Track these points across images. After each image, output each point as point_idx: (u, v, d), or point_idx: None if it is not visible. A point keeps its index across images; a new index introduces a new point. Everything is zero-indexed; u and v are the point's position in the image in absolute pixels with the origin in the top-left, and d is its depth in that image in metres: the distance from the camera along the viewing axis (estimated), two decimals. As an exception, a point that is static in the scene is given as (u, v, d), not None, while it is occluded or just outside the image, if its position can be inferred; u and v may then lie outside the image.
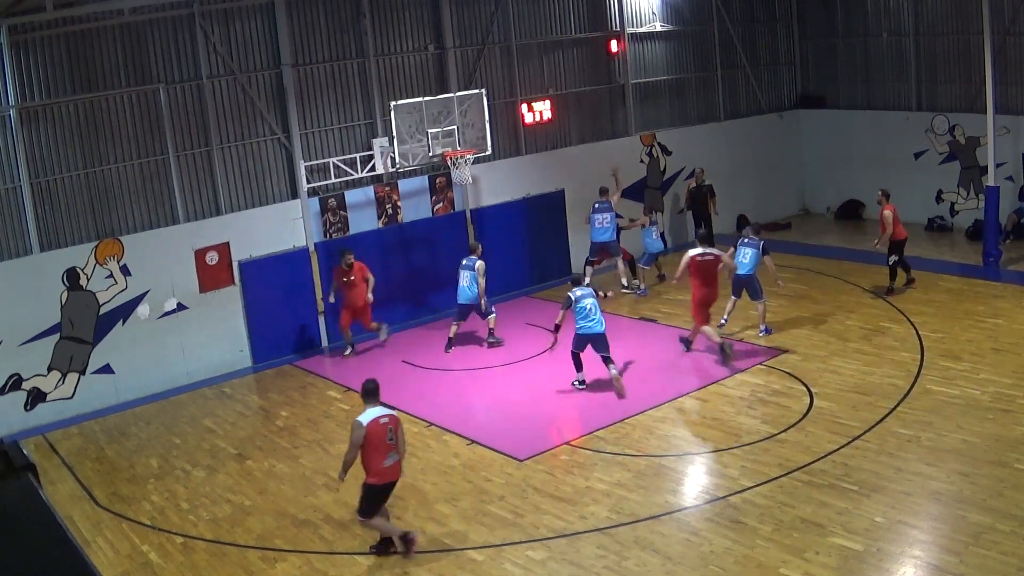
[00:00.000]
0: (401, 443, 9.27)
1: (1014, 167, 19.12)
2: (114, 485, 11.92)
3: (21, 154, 13.97)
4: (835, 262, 18.81)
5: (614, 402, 12.92)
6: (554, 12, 19.47)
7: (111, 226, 14.91)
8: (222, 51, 15.59)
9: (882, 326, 14.88)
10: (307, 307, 16.61)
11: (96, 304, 14.61)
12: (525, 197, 18.90)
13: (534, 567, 9.09)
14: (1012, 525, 8.83)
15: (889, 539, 8.88)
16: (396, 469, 9.27)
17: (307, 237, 16.51)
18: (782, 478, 10.28)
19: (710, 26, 21.89)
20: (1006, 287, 16.58)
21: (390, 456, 9.14)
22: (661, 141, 21.06)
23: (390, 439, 9.10)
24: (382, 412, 9.12)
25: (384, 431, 9.06)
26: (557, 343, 13.85)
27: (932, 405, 11.79)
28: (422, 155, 16.03)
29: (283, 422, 13.55)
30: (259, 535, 10.26)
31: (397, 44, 17.44)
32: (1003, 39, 18.77)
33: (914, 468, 10.19)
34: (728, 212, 21.55)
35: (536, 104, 19.02)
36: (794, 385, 12.92)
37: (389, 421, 9.10)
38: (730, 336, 14.78)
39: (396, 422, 9.18)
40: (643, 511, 9.91)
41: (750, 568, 8.65)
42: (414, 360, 15.56)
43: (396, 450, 9.17)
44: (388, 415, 9.13)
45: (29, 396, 14.12)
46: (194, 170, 15.60)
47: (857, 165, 22.16)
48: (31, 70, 14.01)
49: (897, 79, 21.56)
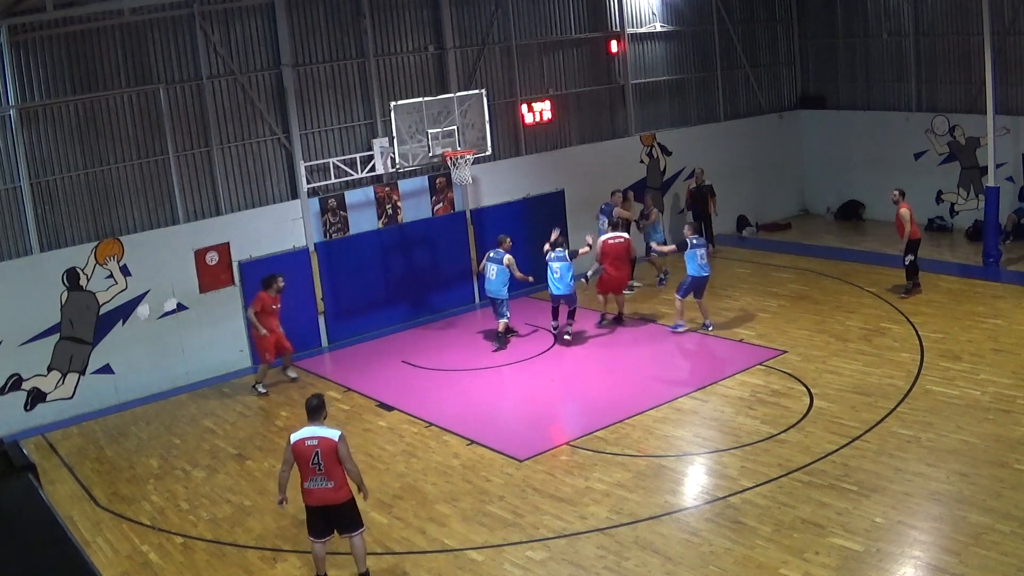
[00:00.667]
0: (333, 470, 8.52)
1: (1014, 167, 19.12)
2: (114, 485, 11.92)
3: (21, 154, 13.97)
4: (835, 262, 18.81)
5: (614, 402, 12.92)
6: (554, 12, 19.47)
7: (111, 226, 14.91)
8: (222, 51, 15.59)
9: (882, 326, 14.88)
10: (307, 307, 16.61)
11: (96, 304, 14.61)
12: (525, 197, 18.91)
13: (534, 567, 9.09)
14: (1012, 525, 8.84)
15: (889, 539, 8.88)
16: (321, 495, 8.61)
17: (307, 237, 16.51)
18: (782, 478, 10.28)
19: (710, 26, 21.90)
20: (1006, 287, 16.58)
21: (313, 480, 8.57)
22: (661, 141, 21.06)
23: (314, 463, 8.51)
24: (313, 433, 8.59)
25: (309, 453, 8.51)
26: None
27: (932, 405, 11.79)
28: (422, 155, 16.03)
29: (283, 422, 13.54)
30: (259, 535, 10.26)
31: (397, 44, 17.44)
32: (1003, 39, 18.78)
33: (914, 468, 10.20)
34: (728, 212, 21.57)
35: (536, 104, 19.01)
36: (794, 385, 12.92)
37: (317, 444, 8.50)
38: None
39: (326, 447, 8.49)
40: (643, 511, 9.91)
41: (750, 568, 8.65)
42: (414, 360, 15.56)
43: (324, 476, 8.52)
44: (319, 437, 8.52)
45: (29, 396, 14.12)
46: (194, 170, 15.60)
47: (857, 166, 22.18)
48: (31, 70, 14.01)
49: (897, 79, 21.56)
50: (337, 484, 8.62)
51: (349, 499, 8.75)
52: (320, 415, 8.78)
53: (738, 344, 14.76)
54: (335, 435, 8.61)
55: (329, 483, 8.59)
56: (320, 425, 8.73)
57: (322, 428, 8.70)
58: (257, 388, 14.72)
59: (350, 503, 8.78)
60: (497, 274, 15.43)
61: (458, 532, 9.89)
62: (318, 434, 8.60)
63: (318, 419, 8.76)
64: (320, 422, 8.76)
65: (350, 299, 17.01)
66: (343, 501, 8.72)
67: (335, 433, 8.65)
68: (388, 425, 13.07)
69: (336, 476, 8.59)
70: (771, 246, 20.74)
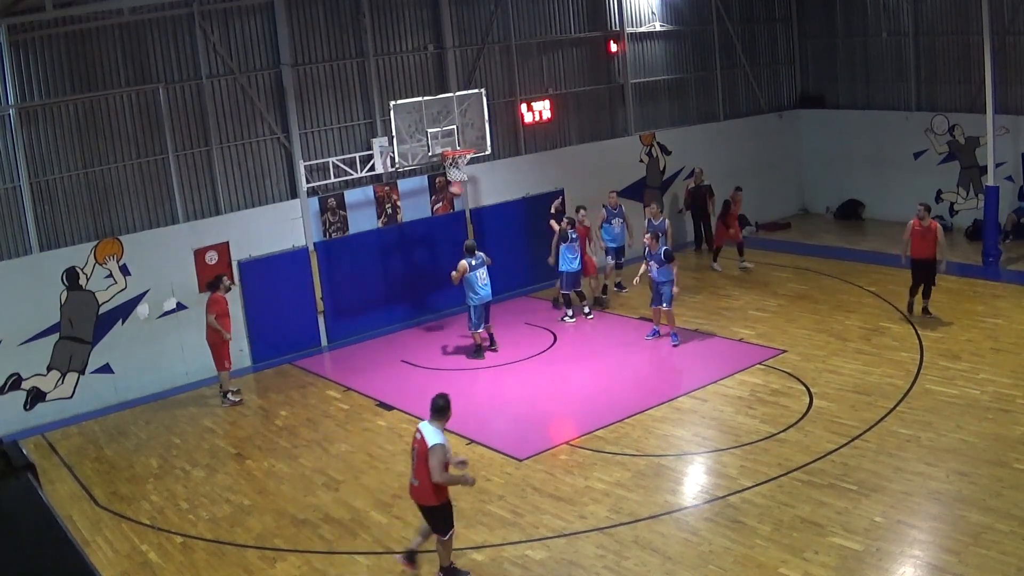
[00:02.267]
0: (418, 467, 8.64)
1: (1014, 167, 19.13)
2: (113, 485, 11.92)
3: (21, 154, 13.97)
4: (834, 262, 18.80)
5: (614, 402, 12.92)
6: (554, 12, 19.47)
7: (111, 226, 14.91)
8: (222, 51, 15.59)
9: (881, 326, 14.88)
10: (307, 307, 16.61)
11: (95, 304, 14.60)
12: (524, 197, 18.90)
13: (534, 567, 9.09)
14: (1011, 525, 8.84)
15: (888, 539, 8.88)
16: (412, 490, 8.85)
17: (307, 237, 16.51)
18: (781, 478, 10.28)
19: (710, 26, 21.90)
20: (1006, 287, 16.59)
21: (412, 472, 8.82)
22: (661, 141, 21.06)
23: (412, 457, 8.81)
24: (421, 430, 8.66)
25: (412, 446, 8.81)
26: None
27: (931, 405, 11.79)
28: (422, 155, 16.02)
29: (282, 422, 13.55)
30: (258, 535, 10.26)
31: (397, 44, 17.44)
32: (1003, 39, 18.78)
33: (913, 468, 10.20)
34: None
35: (536, 104, 19.01)
36: (793, 385, 12.92)
37: (416, 442, 8.67)
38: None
39: (421, 449, 8.57)
40: (643, 511, 9.91)
41: (749, 568, 8.65)
42: (414, 360, 15.55)
43: (414, 473, 8.72)
44: (421, 437, 8.61)
45: (29, 396, 14.11)
46: (194, 170, 15.60)
47: (857, 165, 22.17)
48: (31, 70, 14.00)
49: (897, 79, 21.56)
50: (422, 485, 8.66)
51: (429, 504, 8.72)
52: (438, 416, 8.68)
53: (738, 344, 14.76)
54: (431, 442, 8.50)
55: (415, 480, 8.72)
56: (433, 425, 8.66)
57: (431, 429, 8.63)
58: (229, 398, 14.28)
59: (429, 508, 8.76)
60: (489, 278, 15.05)
61: (458, 532, 9.87)
62: (423, 433, 8.63)
63: (436, 419, 8.68)
64: (435, 422, 8.66)
65: (350, 299, 17.01)
66: (423, 504, 8.77)
67: (433, 439, 8.52)
68: (388, 425, 13.07)
69: (422, 477, 8.62)
70: (771, 246, 20.74)
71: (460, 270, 14.75)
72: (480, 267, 14.90)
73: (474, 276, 14.81)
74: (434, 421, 8.69)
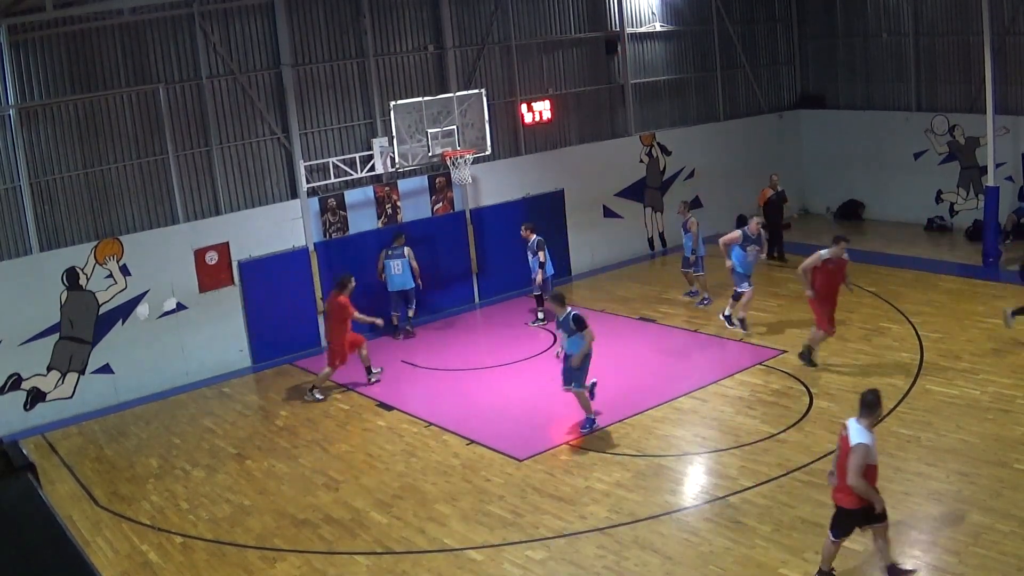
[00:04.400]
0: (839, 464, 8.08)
1: (1014, 167, 19.12)
2: (114, 485, 11.92)
3: (21, 154, 13.97)
4: (835, 262, 18.73)
5: (614, 402, 12.91)
6: (554, 12, 19.47)
7: (111, 226, 14.91)
8: (222, 51, 15.59)
9: (882, 326, 14.88)
10: (307, 307, 16.61)
11: (96, 304, 14.61)
12: (524, 197, 18.90)
13: (533, 567, 9.09)
14: (1012, 525, 8.83)
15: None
16: (832, 490, 8.26)
17: (307, 237, 16.51)
18: (782, 478, 10.28)
19: (710, 26, 21.90)
20: (1006, 287, 16.56)
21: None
22: (661, 141, 21.06)
23: (835, 455, 8.29)
24: (847, 427, 8.10)
25: (838, 442, 8.25)
26: None
27: (931, 405, 11.79)
28: (422, 155, 16.03)
29: (283, 422, 13.55)
30: (258, 535, 10.26)
31: (397, 44, 17.44)
32: (1003, 39, 18.77)
33: (914, 468, 10.20)
34: (728, 212, 21.50)
35: (536, 104, 19.01)
36: (794, 385, 12.92)
37: (841, 439, 8.13)
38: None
39: (844, 446, 8.02)
40: (642, 511, 9.91)
41: (750, 568, 8.65)
42: (414, 360, 15.55)
43: (835, 471, 8.21)
44: (846, 435, 8.03)
45: (29, 396, 14.12)
46: (194, 170, 15.60)
47: (857, 165, 22.16)
48: (31, 70, 14.00)
49: (897, 79, 21.56)
50: (839, 485, 8.10)
51: (842, 507, 8.12)
52: (867, 412, 8.07)
53: (738, 344, 14.77)
54: (855, 440, 7.91)
55: (834, 480, 8.21)
56: (861, 423, 8.04)
57: (856, 427, 8.02)
58: (315, 394, 14.15)
59: (841, 511, 8.14)
60: (403, 268, 16.31)
61: (458, 532, 9.88)
62: (848, 431, 8.04)
63: (865, 416, 8.06)
64: (864, 419, 8.05)
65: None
66: (839, 504, 8.15)
67: (857, 438, 7.93)
68: (388, 425, 13.07)
69: (841, 475, 8.06)
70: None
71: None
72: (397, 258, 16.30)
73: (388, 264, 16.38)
74: (863, 418, 8.03)
